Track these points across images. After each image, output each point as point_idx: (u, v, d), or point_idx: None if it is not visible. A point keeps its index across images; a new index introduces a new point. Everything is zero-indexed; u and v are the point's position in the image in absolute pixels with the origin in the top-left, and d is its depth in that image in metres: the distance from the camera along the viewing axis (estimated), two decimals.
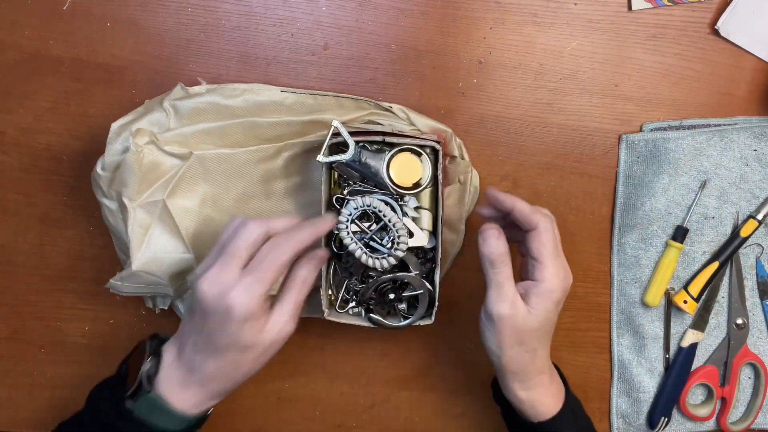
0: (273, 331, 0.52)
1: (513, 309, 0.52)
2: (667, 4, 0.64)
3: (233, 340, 0.50)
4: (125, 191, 0.58)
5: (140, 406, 0.52)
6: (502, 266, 0.53)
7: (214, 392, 0.53)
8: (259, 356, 0.52)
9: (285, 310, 0.53)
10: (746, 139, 0.65)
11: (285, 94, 0.62)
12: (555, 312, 0.54)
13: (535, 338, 0.54)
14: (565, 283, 0.54)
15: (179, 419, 0.53)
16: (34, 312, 0.67)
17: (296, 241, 0.51)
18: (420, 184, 0.60)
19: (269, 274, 0.50)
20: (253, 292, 0.49)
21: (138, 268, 0.59)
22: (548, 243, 0.53)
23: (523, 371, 0.55)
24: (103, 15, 0.63)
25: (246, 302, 0.49)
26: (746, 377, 0.70)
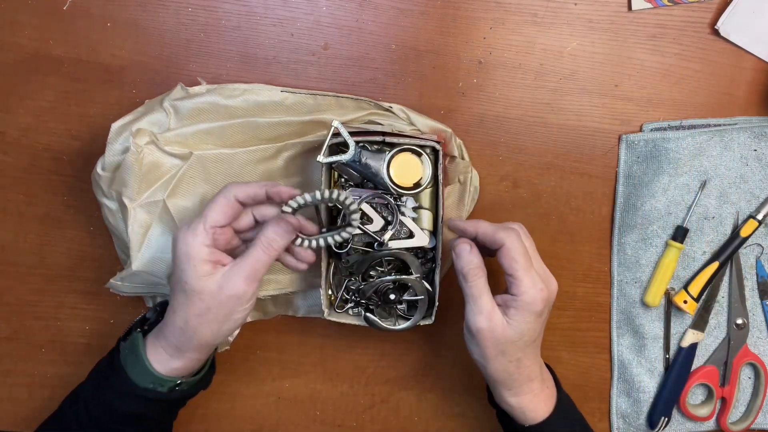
0: (218, 282, 0.51)
1: (490, 322, 0.53)
2: (667, 4, 0.64)
3: (178, 280, 0.52)
4: (125, 191, 0.58)
5: (126, 346, 0.55)
6: (476, 279, 0.54)
7: (173, 346, 0.53)
8: (205, 311, 0.52)
9: (240, 267, 0.52)
10: (746, 139, 0.65)
11: (285, 94, 0.62)
12: (537, 321, 0.54)
13: (517, 349, 0.54)
14: (544, 292, 0.53)
15: (146, 372, 0.53)
16: (34, 312, 0.67)
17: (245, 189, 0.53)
18: (420, 184, 0.60)
19: (209, 209, 0.52)
20: (194, 228, 0.51)
21: (138, 268, 0.59)
22: (518, 257, 0.53)
23: (509, 380, 0.55)
24: (103, 15, 0.63)
25: (185, 236, 0.51)
26: (746, 377, 0.70)
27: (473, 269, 0.54)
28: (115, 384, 0.54)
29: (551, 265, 0.67)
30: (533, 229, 0.67)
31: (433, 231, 0.61)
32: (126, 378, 0.53)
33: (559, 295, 0.68)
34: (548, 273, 0.56)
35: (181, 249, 0.51)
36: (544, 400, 0.57)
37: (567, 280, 0.68)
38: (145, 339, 0.55)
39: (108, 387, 0.54)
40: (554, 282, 0.56)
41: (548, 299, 0.54)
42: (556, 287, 0.55)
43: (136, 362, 0.54)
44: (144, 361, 0.53)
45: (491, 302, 0.54)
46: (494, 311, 0.53)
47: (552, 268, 0.68)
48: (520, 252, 0.53)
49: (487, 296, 0.54)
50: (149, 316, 0.58)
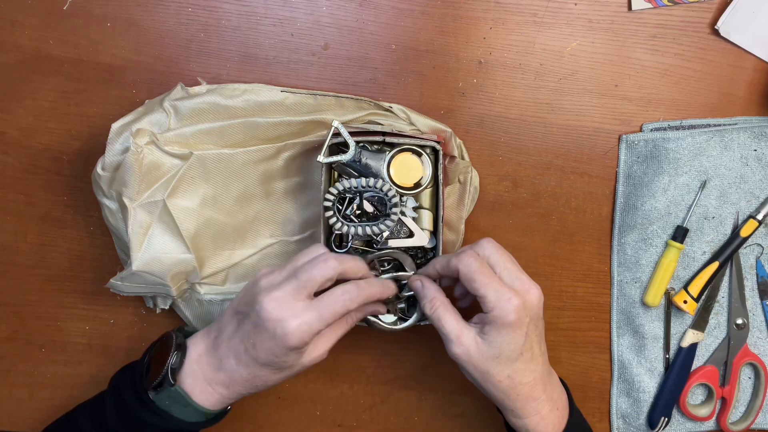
0: (310, 357, 0.53)
1: (462, 345, 0.52)
2: (667, 4, 0.64)
3: (275, 361, 0.52)
4: (125, 191, 0.58)
5: (162, 398, 0.54)
6: (435, 310, 0.54)
7: (237, 394, 0.55)
8: (290, 375, 0.55)
9: (327, 342, 0.54)
10: (746, 139, 0.66)
11: (285, 94, 0.62)
12: (516, 333, 0.51)
13: (501, 366, 0.52)
14: (513, 301, 0.50)
15: (198, 412, 0.54)
16: (34, 312, 0.67)
17: (365, 296, 0.53)
18: (420, 184, 0.60)
19: (332, 318, 0.51)
20: (311, 328, 0.50)
21: (138, 268, 0.59)
22: (474, 275, 0.51)
23: (508, 401, 0.53)
24: (103, 15, 0.63)
25: (302, 335, 0.50)
26: (746, 377, 0.70)
27: (429, 302, 0.54)
28: (158, 423, 0.54)
29: (551, 265, 0.68)
30: (533, 229, 0.67)
31: (433, 231, 0.61)
32: (172, 418, 0.54)
33: (559, 295, 0.68)
34: (527, 282, 0.52)
35: (292, 343, 0.50)
36: (552, 422, 0.54)
37: (567, 280, 0.68)
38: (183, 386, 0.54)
39: (148, 424, 0.54)
40: (534, 291, 0.52)
41: (523, 307, 0.51)
42: (535, 294, 0.52)
43: (185, 410, 0.54)
44: (196, 407, 0.54)
45: (457, 325, 0.53)
46: (462, 333, 0.52)
47: (552, 268, 0.68)
48: (475, 270, 0.51)
49: (450, 322, 0.53)
50: (176, 365, 0.54)
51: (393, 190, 0.57)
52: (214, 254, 0.62)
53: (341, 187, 0.57)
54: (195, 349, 0.55)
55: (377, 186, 0.57)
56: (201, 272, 0.62)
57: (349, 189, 0.57)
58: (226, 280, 0.64)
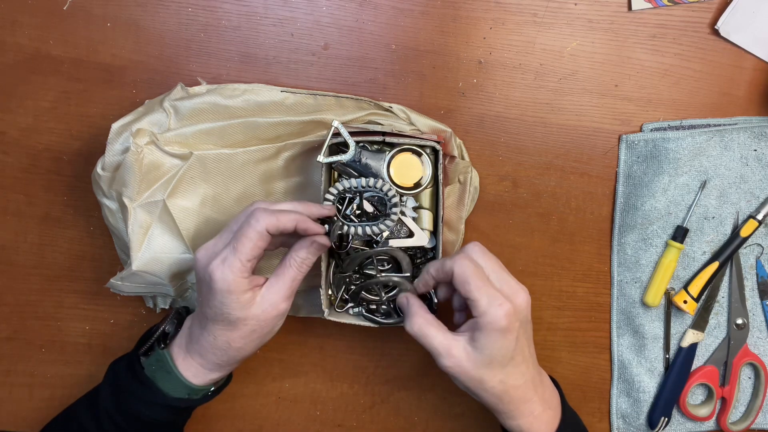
0: (261, 306, 0.52)
1: (452, 357, 0.51)
2: (667, 4, 0.64)
3: (219, 312, 0.51)
4: (125, 191, 0.58)
5: (150, 361, 0.55)
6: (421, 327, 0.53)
7: (213, 364, 0.55)
8: (250, 333, 0.53)
9: (277, 287, 0.53)
10: (746, 139, 0.66)
11: (285, 94, 0.62)
12: (507, 339, 0.51)
13: (494, 372, 0.52)
14: (504, 307, 0.50)
15: (180, 384, 0.54)
16: (34, 312, 0.67)
17: (274, 216, 0.51)
18: (420, 184, 0.60)
19: (244, 245, 0.50)
20: (231, 263, 0.50)
21: (138, 268, 0.59)
22: (468, 278, 0.50)
23: (501, 405, 0.53)
24: (103, 15, 0.64)
25: (224, 272, 0.50)
26: (746, 377, 0.70)
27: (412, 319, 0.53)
28: (144, 395, 0.54)
29: (551, 265, 0.68)
30: (533, 229, 0.67)
31: (433, 231, 0.61)
32: (157, 390, 0.54)
33: (559, 295, 0.68)
34: (515, 286, 0.52)
35: (219, 285, 0.50)
36: (545, 421, 0.54)
37: (567, 280, 0.68)
38: (171, 354, 0.55)
39: (135, 397, 0.54)
40: (522, 294, 0.52)
41: (513, 313, 0.50)
42: (524, 299, 0.52)
43: (168, 377, 0.54)
44: (178, 376, 0.54)
45: (444, 339, 0.52)
46: (451, 346, 0.52)
47: (552, 268, 0.68)
48: (469, 273, 0.51)
49: (438, 337, 0.52)
50: (168, 330, 0.57)
51: (393, 190, 0.57)
52: None
53: (341, 187, 0.57)
54: (187, 323, 0.57)
55: (377, 186, 0.57)
56: None
57: (349, 189, 0.57)
58: None
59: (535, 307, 0.68)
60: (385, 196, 0.57)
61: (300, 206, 0.54)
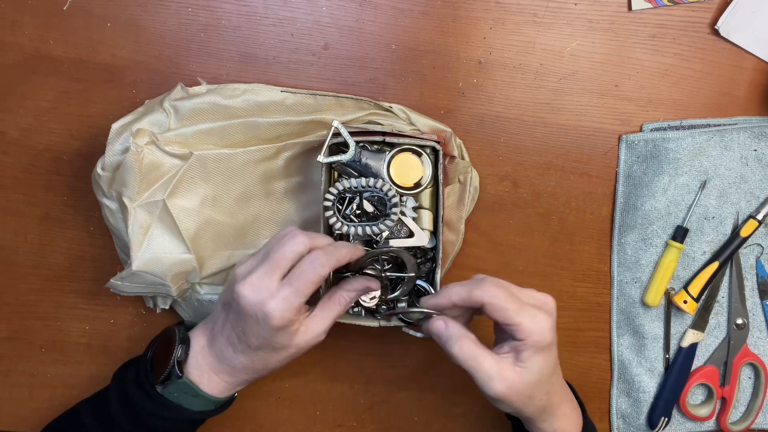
0: (306, 337, 0.54)
1: (505, 381, 0.49)
2: (667, 4, 0.64)
3: (267, 343, 0.52)
4: (125, 191, 0.58)
5: (170, 390, 0.55)
6: (466, 351, 0.50)
7: (242, 380, 0.56)
8: (288, 356, 0.55)
9: (322, 322, 0.55)
10: (746, 139, 0.66)
11: (285, 94, 0.62)
12: (551, 351, 0.51)
13: (542, 386, 0.51)
14: (547, 321, 0.50)
15: (207, 401, 0.56)
16: (34, 312, 0.67)
17: (335, 259, 0.52)
18: (420, 184, 0.60)
19: (307, 288, 0.51)
20: (290, 304, 0.50)
21: (138, 268, 0.59)
22: (506, 304, 0.49)
23: (544, 414, 0.53)
24: (103, 15, 0.63)
25: (283, 313, 0.50)
26: (746, 377, 0.70)
27: (458, 343, 0.50)
28: (168, 414, 0.54)
29: (551, 265, 0.68)
30: (533, 229, 0.67)
31: (433, 231, 0.61)
32: (183, 409, 0.55)
33: (559, 295, 0.68)
34: (539, 296, 0.52)
35: (277, 323, 0.50)
36: (575, 421, 0.55)
37: (567, 280, 0.68)
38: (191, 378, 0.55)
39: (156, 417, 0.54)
40: (549, 300, 0.52)
41: (553, 323, 0.51)
42: (553, 304, 0.52)
43: (195, 400, 0.55)
44: (205, 396, 0.55)
45: (495, 362, 0.50)
46: (503, 369, 0.49)
47: (552, 268, 0.68)
48: (504, 299, 0.49)
49: (487, 360, 0.50)
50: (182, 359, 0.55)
51: (393, 190, 0.57)
52: (214, 254, 0.62)
53: (341, 187, 0.57)
54: (197, 341, 0.56)
55: (377, 186, 0.57)
56: (201, 272, 0.62)
57: (349, 189, 0.57)
58: (226, 280, 0.64)
59: None
60: (385, 196, 0.57)
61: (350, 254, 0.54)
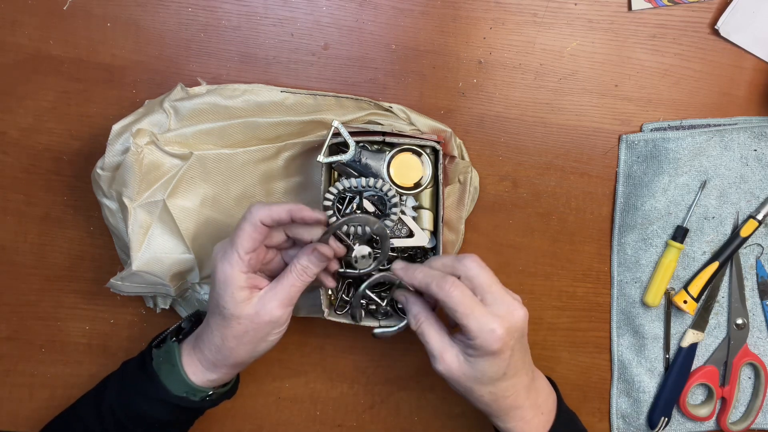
0: (255, 308, 0.53)
1: (444, 363, 0.52)
2: (667, 4, 0.64)
3: (216, 304, 0.53)
4: (125, 191, 0.58)
5: (160, 353, 0.56)
6: (420, 326, 0.54)
7: (208, 362, 0.55)
8: (242, 333, 0.53)
9: (274, 292, 0.53)
10: (746, 139, 0.66)
11: (285, 94, 0.62)
12: (499, 359, 0.50)
13: (483, 385, 0.52)
14: (497, 332, 0.49)
15: (182, 381, 0.55)
16: (34, 312, 0.67)
17: (269, 209, 0.52)
18: (420, 183, 0.60)
19: (239, 236, 0.52)
20: (229, 256, 0.52)
21: (138, 268, 0.59)
22: (457, 306, 0.50)
23: (489, 410, 0.54)
24: (103, 15, 0.63)
25: (223, 264, 0.52)
26: (746, 377, 0.70)
27: (414, 317, 0.54)
28: (147, 389, 0.54)
29: (551, 265, 0.68)
30: (533, 229, 0.67)
31: (433, 231, 0.61)
32: (159, 385, 0.54)
33: (559, 295, 0.68)
34: (509, 303, 0.51)
35: (219, 276, 0.52)
36: (536, 426, 0.55)
37: (567, 280, 0.68)
38: (180, 348, 0.56)
39: (138, 392, 0.55)
40: (519, 312, 0.51)
41: (507, 334, 0.50)
42: (520, 317, 0.51)
43: (172, 371, 0.55)
44: (180, 370, 0.55)
45: (440, 343, 0.52)
46: (445, 351, 0.52)
47: (552, 268, 0.68)
48: (456, 302, 0.50)
49: (434, 339, 0.52)
50: (184, 326, 0.58)
51: (393, 190, 0.57)
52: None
53: (341, 186, 0.57)
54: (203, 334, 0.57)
55: (377, 186, 0.57)
56: (201, 272, 0.62)
57: (349, 189, 0.57)
58: None
59: (536, 307, 0.68)
60: (385, 196, 0.57)
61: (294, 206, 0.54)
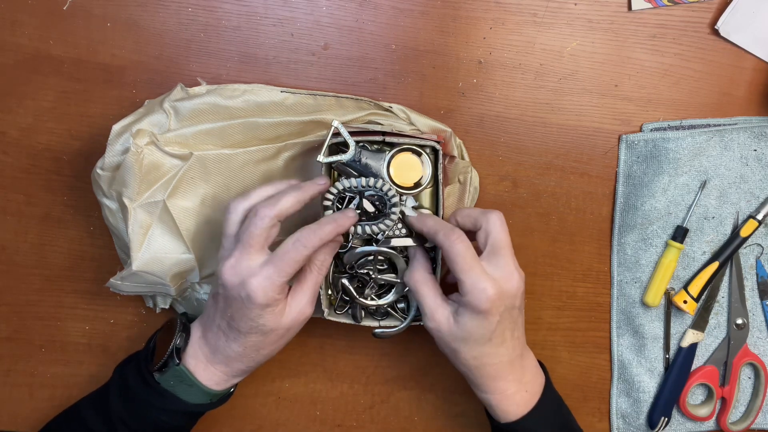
0: (292, 314, 0.54)
1: (433, 321, 0.54)
2: (667, 4, 0.64)
3: (255, 325, 0.53)
4: (125, 191, 0.58)
5: (167, 377, 0.55)
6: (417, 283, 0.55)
7: (238, 370, 0.56)
8: (279, 338, 0.55)
9: (302, 294, 0.55)
10: (746, 139, 0.66)
11: (285, 94, 0.62)
12: (487, 321, 0.52)
13: (469, 347, 0.53)
14: (487, 292, 0.50)
15: (203, 393, 0.56)
16: (34, 312, 0.67)
17: (318, 238, 0.52)
18: (420, 183, 0.60)
19: (290, 266, 0.51)
20: (273, 282, 0.51)
21: (138, 268, 0.59)
22: (457, 259, 0.51)
23: (472, 377, 0.55)
24: (103, 15, 0.63)
25: (265, 291, 0.51)
26: (746, 377, 0.70)
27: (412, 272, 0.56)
28: (164, 405, 0.55)
29: (551, 265, 0.68)
30: (533, 229, 0.67)
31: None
32: (178, 400, 0.55)
33: (559, 295, 0.68)
34: (510, 270, 0.52)
35: (261, 301, 0.51)
36: (517, 402, 0.55)
37: (567, 280, 0.68)
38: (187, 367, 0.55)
39: (153, 408, 0.55)
40: (515, 280, 0.52)
41: (497, 297, 0.51)
42: (515, 285, 0.52)
43: (190, 390, 0.55)
44: (201, 386, 0.55)
45: (434, 301, 0.54)
46: (437, 310, 0.54)
47: (552, 268, 0.68)
48: (457, 253, 0.51)
49: (428, 297, 0.54)
50: (180, 345, 0.56)
51: (393, 190, 0.57)
52: (214, 254, 0.62)
53: (341, 186, 0.57)
54: (195, 332, 0.57)
55: (377, 186, 0.57)
56: (201, 272, 0.62)
57: (349, 188, 0.57)
58: None
59: (535, 307, 0.68)
60: (385, 196, 0.57)
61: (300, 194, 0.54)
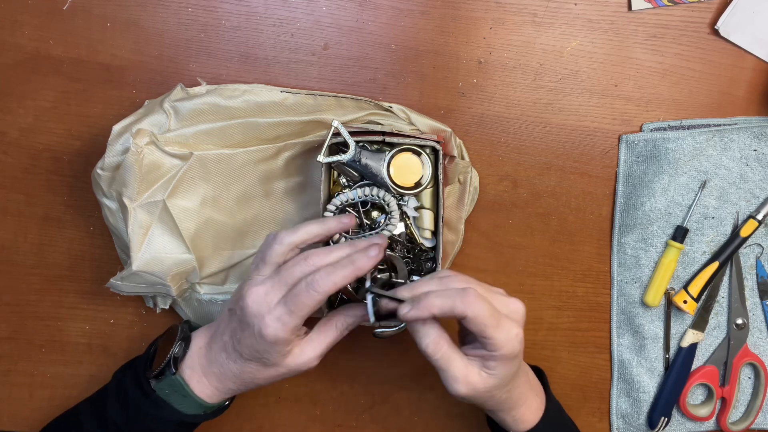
0: (298, 360, 0.53)
1: (469, 384, 0.50)
2: (667, 4, 0.64)
3: (258, 356, 0.52)
4: (125, 191, 0.58)
5: (163, 386, 0.55)
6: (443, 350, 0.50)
7: (229, 389, 0.56)
8: (277, 375, 0.54)
9: (316, 344, 0.54)
10: (746, 139, 0.66)
11: (285, 94, 0.62)
12: (518, 359, 0.52)
13: (503, 389, 0.53)
14: (517, 337, 0.50)
15: (196, 404, 0.55)
16: (34, 312, 0.67)
17: (332, 283, 0.50)
18: (420, 183, 0.60)
19: (302, 311, 0.50)
20: (283, 324, 0.50)
21: (138, 268, 0.59)
22: (486, 320, 0.49)
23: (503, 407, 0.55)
24: (103, 15, 0.63)
25: (277, 331, 0.50)
26: (746, 377, 0.70)
27: (434, 343, 0.50)
28: (158, 414, 0.54)
29: (551, 265, 0.68)
30: (533, 229, 0.67)
31: (433, 231, 0.61)
32: (172, 409, 0.54)
33: (559, 295, 0.68)
34: (511, 304, 0.52)
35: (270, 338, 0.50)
36: (533, 410, 0.56)
37: (567, 280, 0.68)
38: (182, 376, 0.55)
39: (148, 417, 0.55)
40: (520, 308, 0.52)
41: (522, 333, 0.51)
42: (523, 312, 0.52)
43: (184, 400, 0.55)
44: (194, 398, 0.55)
45: (463, 366, 0.51)
46: (469, 373, 0.50)
47: (552, 268, 0.68)
48: (485, 314, 0.49)
49: (456, 363, 0.50)
50: (179, 355, 0.55)
51: (393, 202, 0.57)
52: (214, 254, 0.63)
53: (340, 201, 0.57)
54: (197, 342, 0.56)
55: (379, 195, 0.57)
56: (201, 272, 0.62)
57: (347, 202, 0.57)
58: (226, 280, 0.64)
59: (535, 307, 0.68)
60: (386, 206, 0.58)
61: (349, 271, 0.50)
